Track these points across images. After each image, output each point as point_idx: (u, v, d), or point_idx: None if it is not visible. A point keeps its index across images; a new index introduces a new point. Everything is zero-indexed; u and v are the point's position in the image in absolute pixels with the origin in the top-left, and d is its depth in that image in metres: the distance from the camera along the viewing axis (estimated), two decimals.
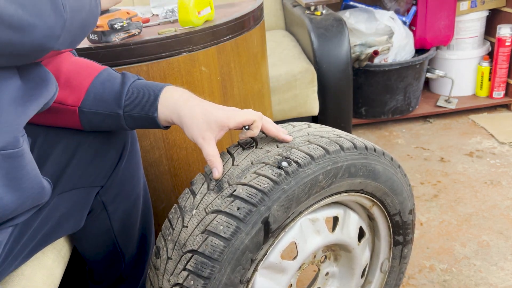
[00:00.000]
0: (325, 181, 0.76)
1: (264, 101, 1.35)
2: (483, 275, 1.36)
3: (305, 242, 0.82)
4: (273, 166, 0.73)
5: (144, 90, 0.76)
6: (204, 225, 0.71)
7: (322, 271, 0.95)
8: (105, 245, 0.95)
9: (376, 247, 1.02)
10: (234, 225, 0.69)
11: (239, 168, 0.75)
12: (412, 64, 2.19)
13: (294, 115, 1.81)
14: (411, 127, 2.35)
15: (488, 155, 2.00)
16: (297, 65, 1.76)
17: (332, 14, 1.90)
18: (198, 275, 0.69)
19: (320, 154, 0.75)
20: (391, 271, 1.07)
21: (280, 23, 2.39)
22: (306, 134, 0.81)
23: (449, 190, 1.78)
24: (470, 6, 2.27)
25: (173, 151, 1.13)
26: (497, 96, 2.37)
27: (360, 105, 2.30)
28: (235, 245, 0.69)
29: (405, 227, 1.00)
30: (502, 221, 1.58)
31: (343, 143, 0.79)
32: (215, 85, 1.13)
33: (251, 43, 1.22)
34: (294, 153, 0.75)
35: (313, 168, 0.74)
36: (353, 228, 0.90)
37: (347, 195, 0.85)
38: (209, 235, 0.70)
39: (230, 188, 0.73)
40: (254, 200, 0.70)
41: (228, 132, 0.80)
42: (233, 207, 0.70)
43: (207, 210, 0.72)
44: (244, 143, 0.81)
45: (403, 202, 0.95)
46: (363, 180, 0.83)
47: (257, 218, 0.70)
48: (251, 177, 0.73)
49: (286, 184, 0.72)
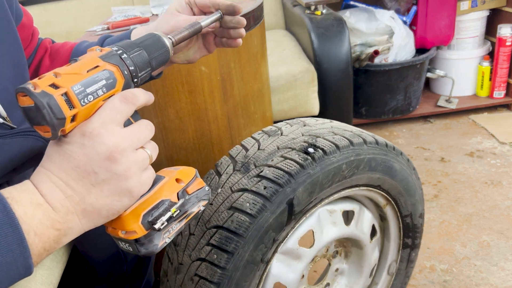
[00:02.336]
0: (347, 171, 0.79)
1: (264, 101, 1.35)
2: (483, 275, 1.36)
3: (322, 232, 0.84)
4: (300, 151, 0.75)
5: (116, 38, 0.77)
6: (230, 202, 0.73)
7: (333, 266, 0.97)
8: (107, 246, 0.95)
9: (385, 248, 1.03)
10: (260, 203, 0.71)
11: (265, 152, 0.78)
12: (413, 64, 2.18)
13: (294, 115, 1.81)
14: (412, 127, 2.34)
15: (489, 155, 1.99)
16: (297, 65, 1.76)
17: (332, 13, 1.90)
18: (222, 249, 0.70)
19: (345, 144, 0.78)
20: (398, 274, 1.08)
21: (280, 23, 2.38)
22: (330, 127, 0.84)
23: (449, 190, 1.78)
24: (470, 5, 2.27)
25: (173, 151, 1.13)
26: (498, 96, 2.36)
27: (360, 105, 2.30)
28: (260, 223, 0.71)
29: (414, 230, 1.02)
30: (503, 221, 1.57)
31: (365, 137, 0.82)
32: (215, 85, 1.13)
33: (251, 43, 1.22)
34: (320, 141, 0.78)
35: (338, 157, 0.77)
36: (367, 224, 0.93)
37: (365, 189, 0.88)
38: (235, 212, 0.71)
39: (257, 169, 0.75)
40: (281, 181, 0.72)
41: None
42: (260, 186, 0.72)
43: (233, 189, 0.74)
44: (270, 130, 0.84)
45: (415, 204, 0.97)
46: (381, 176, 0.86)
47: (282, 198, 0.72)
48: (278, 160, 0.75)
49: (312, 169, 0.74)
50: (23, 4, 2.21)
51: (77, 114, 0.46)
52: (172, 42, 0.60)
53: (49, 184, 0.47)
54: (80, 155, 0.46)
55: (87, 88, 0.46)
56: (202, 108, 1.13)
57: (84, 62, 0.48)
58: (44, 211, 0.46)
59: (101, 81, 0.48)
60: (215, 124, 1.16)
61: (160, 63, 0.57)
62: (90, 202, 0.48)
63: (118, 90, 0.49)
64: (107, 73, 0.48)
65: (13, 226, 0.43)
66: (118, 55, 0.51)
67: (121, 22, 1.31)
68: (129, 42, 0.54)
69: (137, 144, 0.49)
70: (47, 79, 0.45)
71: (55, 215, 0.46)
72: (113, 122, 0.48)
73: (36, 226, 0.45)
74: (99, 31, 1.28)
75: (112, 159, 0.46)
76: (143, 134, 0.50)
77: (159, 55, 0.56)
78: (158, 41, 0.57)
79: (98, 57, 0.49)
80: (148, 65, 0.54)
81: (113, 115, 0.48)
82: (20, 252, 0.43)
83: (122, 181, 0.48)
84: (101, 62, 0.49)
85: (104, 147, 0.46)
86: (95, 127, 0.46)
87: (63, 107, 0.44)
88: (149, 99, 0.52)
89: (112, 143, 0.46)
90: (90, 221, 0.49)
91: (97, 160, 0.46)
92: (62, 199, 0.47)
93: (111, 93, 0.49)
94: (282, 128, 0.84)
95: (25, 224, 0.44)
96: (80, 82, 0.46)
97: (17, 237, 0.43)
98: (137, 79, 0.52)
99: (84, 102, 0.46)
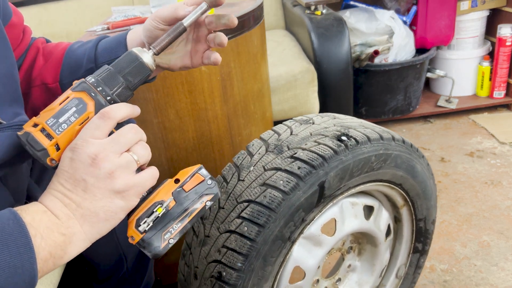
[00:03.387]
0: (376, 163, 0.82)
1: (264, 101, 1.35)
2: (483, 275, 1.36)
3: (344, 223, 0.87)
4: (333, 138, 0.79)
5: (111, 39, 0.77)
6: (263, 179, 0.75)
7: (346, 262, 0.99)
8: (107, 246, 0.95)
9: (396, 251, 1.05)
10: (294, 181, 0.73)
11: (298, 137, 0.81)
12: (413, 64, 2.18)
13: (294, 115, 1.80)
14: (412, 127, 2.34)
15: (489, 155, 1.99)
16: (297, 65, 1.76)
17: (332, 13, 1.90)
18: (253, 222, 0.73)
19: (376, 137, 0.82)
20: (405, 279, 1.09)
21: (280, 23, 2.38)
22: (360, 122, 0.88)
23: (449, 190, 1.78)
24: (470, 5, 2.27)
25: (173, 151, 1.13)
26: (498, 96, 2.36)
27: (360, 105, 2.30)
28: (292, 200, 0.73)
29: (426, 235, 1.04)
30: (503, 221, 1.57)
31: (394, 135, 0.86)
32: (215, 85, 1.13)
33: (251, 43, 1.22)
34: (352, 132, 0.81)
35: (368, 148, 0.80)
36: (384, 222, 0.95)
37: (387, 186, 0.91)
38: (268, 188, 0.74)
39: (291, 151, 0.78)
40: (315, 163, 0.75)
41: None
42: (294, 166, 0.75)
43: (266, 168, 0.77)
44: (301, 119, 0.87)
45: (429, 208, 1.00)
46: (404, 174, 0.89)
47: (315, 180, 0.75)
48: (312, 144, 0.78)
49: (345, 156, 0.77)
50: (23, 4, 2.21)
51: (58, 142, 0.53)
52: (154, 52, 0.63)
53: (50, 197, 0.53)
54: (70, 167, 0.53)
55: (59, 118, 0.53)
56: (202, 108, 1.13)
57: (59, 98, 0.56)
58: (48, 217, 0.52)
59: (72, 109, 0.54)
60: (215, 124, 1.16)
61: (137, 75, 0.60)
62: (86, 206, 0.53)
63: (91, 111, 0.55)
64: (75, 100, 0.55)
65: (21, 231, 0.48)
66: (87, 82, 0.56)
67: (121, 22, 1.31)
68: (102, 67, 0.59)
69: (119, 149, 0.54)
70: (31, 120, 0.54)
71: (58, 220, 0.52)
72: (93, 136, 0.53)
73: (43, 230, 0.50)
74: (99, 31, 1.28)
75: (94, 165, 0.52)
76: (126, 138, 0.55)
77: (133, 68, 0.60)
78: (129, 57, 0.60)
79: (70, 89, 0.56)
80: (119, 81, 0.58)
81: (92, 130, 0.54)
82: (27, 257, 0.48)
83: (109, 184, 0.53)
84: (71, 93, 0.56)
85: (85, 155, 0.52)
86: (78, 142, 0.53)
87: (41, 140, 0.53)
88: (133, 112, 0.58)
89: (92, 151, 0.52)
90: (91, 226, 0.54)
91: (83, 168, 0.52)
92: (62, 207, 0.53)
93: (85, 115, 0.55)
94: (313, 118, 0.87)
95: (32, 228, 0.49)
96: (53, 115, 0.54)
97: (24, 240, 0.48)
98: (110, 96, 0.57)
99: (59, 131, 0.53)
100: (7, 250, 0.47)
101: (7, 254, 0.47)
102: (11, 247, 0.47)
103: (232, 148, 1.22)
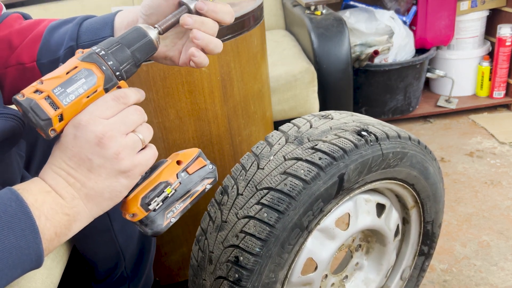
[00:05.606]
0: (393, 160, 0.84)
1: (264, 101, 1.35)
2: (483, 275, 1.36)
3: (357, 218, 0.89)
4: (353, 133, 0.80)
5: (97, 19, 0.72)
6: (284, 168, 0.77)
7: (354, 260, 1.01)
8: (105, 245, 0.95)
9: (402, 252, 1.06)
10: (315, 171, 0.75)
11: (318, 130, 0.82)
12: (412, 64, 2.18)
13: (294, 115, 1.81)
14: (411, 127, 2.34)
15: (489, 155, 2.00)
16: (297, 65, 1.76)
17: (332, 13, 1.90)
18: (273, 208, 0.74)
19: (394, 135, 0.84)
20: (409, 281, 1.10)
21: (280, 23, 2.38)
22: (378, 121, 0.89)
23: (449, 190, 1.78)
24: (470, 6, 2.27)
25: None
26: (498, 96, 2.36)
27: (360, 105, 2.30)
28: (312, 189, 0.75)
29: (432, 238, 1.05)
30: (503, 221, 1.58)
31: (410, 135, 0.88)
32: (215, 85, 1.13)
33: (251, 43, 1.22)
34: (371, 128, 0.82)
35: (387, 145, 0.82)
36: (393, 222, 0.96)
37: (400, 185, 0.92)
38: (289, 176, 0.75)
39: (311, 143, 0.79)
40: (336, 155, 0.76)
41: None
42: (315, 156, 0.76)
43: (286, 157, 0.78)
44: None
45: (437, 212, 1.01)
46: (418, 175, 0.91)
47: (335, 171, 0.76)
48: (332, 137, 0.79)
49: (364, 150, 0.79)
50: (23, 5, 2.21)
51: (63, 113, 0.51)
52: (159, 31, 0.60)
53: (53, 175, 0.52)
54: (74, 145, 0.51)
55: (67, 88, 0.50)
56: (202, 108, 1.13)
57: (65, 66, 0.53)
58: (53, 198, 0.51)
59: (81, 80, 0.51)
60: (215, 124, 1.16)
61: (145, 52, 0.58)
62: (91, 186, 0.52)
63: (100, 85, 0.53)
64: (85, 71, 0.52)
65: (25, 213, 0.48)
66: (96, 53, 0.54)
67: None
68: (109, 40, 0.56)
69: (125, 129, 0.53)
70: (32, 86, 0.50)
71: (62, 201, 0.51)
72: (102, 115, 0.52)
73: (47, 211, 0.50)
74: None
75: (101, 145, 0.51)
76: (131, 119, 0.54)
77: (141, 45, 0.57)
78: (138, 32, 0.58)
79: (77, 59, 0.53)
80: (129, 57, 0.56)
81: (103, 109, 0.52)
82: (32, 238, 0.47)
83: (115, 164, 0.52)
84: (79, 62, 0.53)
85: (92, 134, 0.51)
86: (84, 119, 0.51)
87: (47, 109, 0.49)
88: (141, 97, 0.57)
89: (99, 130, 0.51)
90: (95, 205, 0.53)
91: (89, 147, 0.51)
92: (66, 187, 0.52)
93: (93, 88, 0.52)
94: (332, 114, 0.88)
95: (36, 209, 0.49)
96: (60, 84, 0.50)
97: (29, 222, 0.47)
98: (119, 72, 0.55)
99: (66, 101, 0.50)
100: (12, 233, 0.46)
101: (13, 236, 0.46)
102: (15, 230, 0.47)
103: (232, 148, 1.22)
